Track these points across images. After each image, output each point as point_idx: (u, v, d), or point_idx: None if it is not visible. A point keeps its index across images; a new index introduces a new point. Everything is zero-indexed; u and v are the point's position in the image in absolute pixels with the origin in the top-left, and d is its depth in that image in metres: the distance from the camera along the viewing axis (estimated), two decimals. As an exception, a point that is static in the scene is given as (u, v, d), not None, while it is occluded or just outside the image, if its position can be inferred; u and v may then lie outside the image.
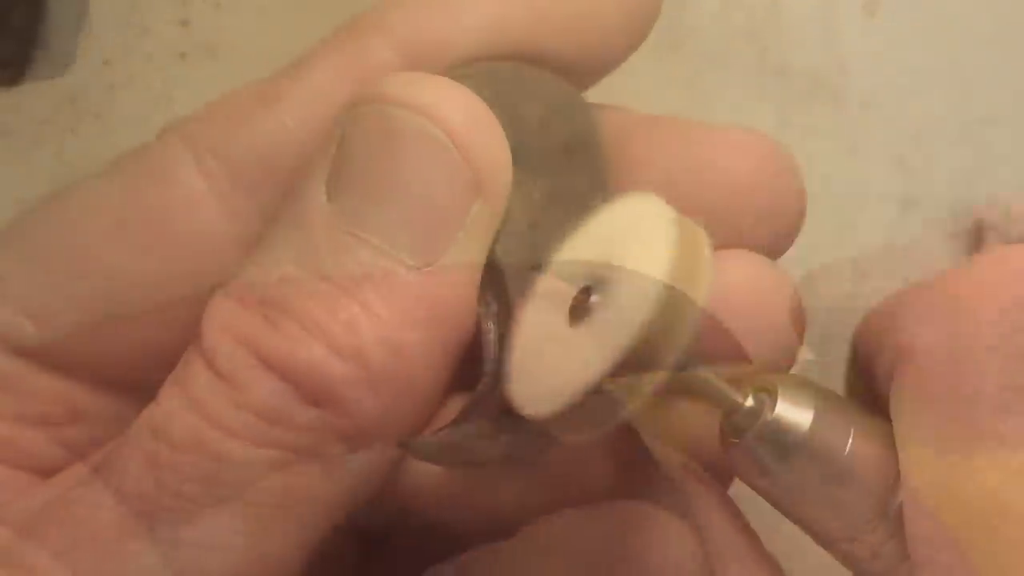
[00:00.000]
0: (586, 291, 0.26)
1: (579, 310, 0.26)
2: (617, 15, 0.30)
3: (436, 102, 0.27)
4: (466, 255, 0.28)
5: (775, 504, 0.29)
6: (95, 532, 0.27)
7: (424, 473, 0.29)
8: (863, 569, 0.29)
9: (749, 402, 0.28)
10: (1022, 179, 0.46)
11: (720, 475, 0.31)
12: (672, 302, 0.25)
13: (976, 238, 0.46)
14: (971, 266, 0.29)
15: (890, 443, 0.28)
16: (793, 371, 0.31)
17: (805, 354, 0.31)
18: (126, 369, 0.31)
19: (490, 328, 0.29)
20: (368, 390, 0.27)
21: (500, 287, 0.28)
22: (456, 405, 0.29)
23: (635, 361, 0.25)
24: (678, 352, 0.25)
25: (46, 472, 0.31)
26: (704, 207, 0.30)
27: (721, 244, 0.30)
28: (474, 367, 0.29)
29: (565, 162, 0.30)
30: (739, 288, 0.29)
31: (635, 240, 0.26)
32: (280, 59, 0.31)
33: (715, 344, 0.29)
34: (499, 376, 0.28)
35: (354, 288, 0.27)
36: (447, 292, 0.27)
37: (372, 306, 0.27)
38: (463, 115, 0.27)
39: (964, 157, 0.46)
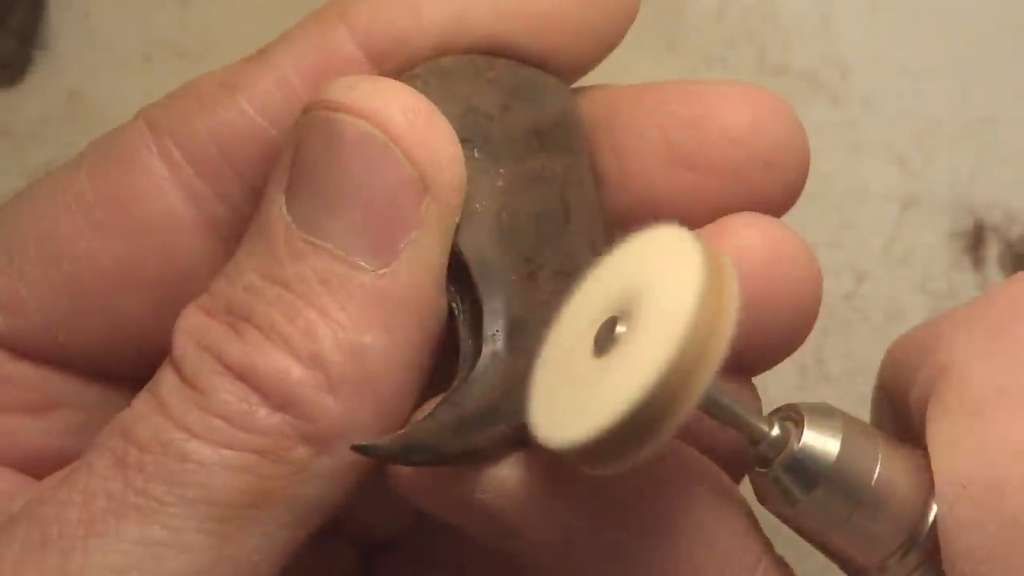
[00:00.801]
0: (612, 322, 0.26)
1: (604, 341, 0.26)
2: (585, 15, 0.30)
3: (373, 103, 0.28)
4: (422, 253, 0.28)
5: (801, 533, 0.29)
6: (62, 531, 0.27)
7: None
8: None
9: (775, 431, 0.28)
10: (1022, 179, 0.46)
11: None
12: (700, 337, 0.24)
13: (976, 238, 0.46)
14: (1008, 285, 0.29)
15: (917, 471, 0.28)
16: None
17: None
18: (99, 356, 0.31)
19: (463, 322, 0.29)
20: (328, 393, 0.27)
21: (467, 280, 0.28)
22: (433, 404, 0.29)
23: (663, 396, 0.24)
24: (706, 384, 0.25)
25: (27, 463, 0.31)
26: (705, 162, 0.30)
27: (729, 200, 0.30)
28: (451, 360, 0.29)
29: (536, 144, 0.30)
30: (755, 252, 0.29)
31: (662, 271, 0.26)
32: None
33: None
34: (472, 369, 0.28)
35: (311, 295, 0.27)
36: (405, 292, 0.28)
37: (329, 311, 0.27)
38: (403, 114, 0.28)
39: (964, 157, 0.46)
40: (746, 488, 0.30)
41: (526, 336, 0.28)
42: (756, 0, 0.47)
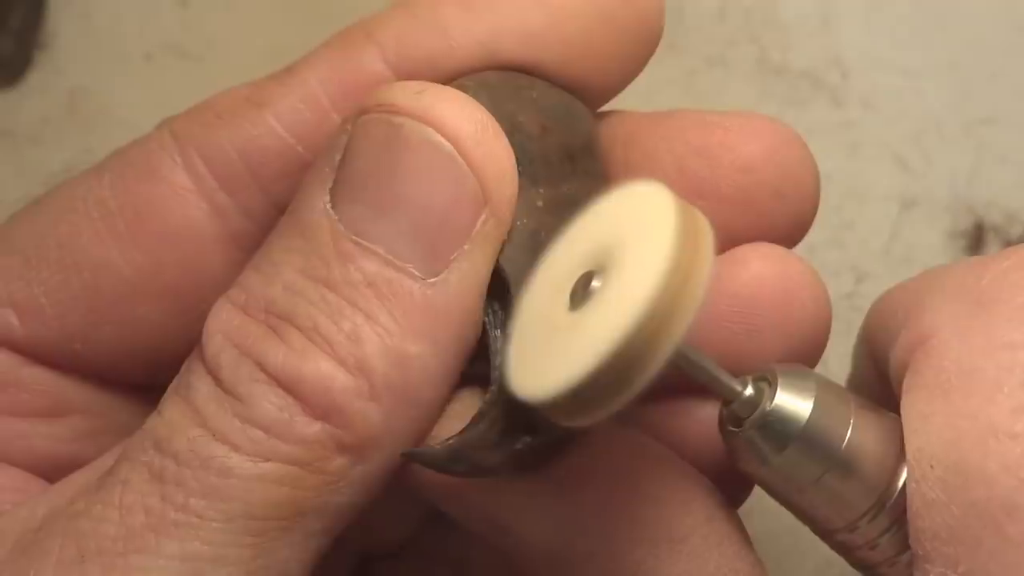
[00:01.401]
0: (587, 276, 0.26)
1: (580, 295, 0.26)
2: (611, 42, 0.30)
3: (442, 112, 0.27)
4: (472, 266, 0.28)
5: (773, 494, 0.29)
6: (100, 546, 0.27)
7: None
8: (860, 558, 0.29)
9: (748, 391, 0.28)
10: (1022, 179, 0.46)
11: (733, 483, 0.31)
12: (673, 288, 0.25)
13: (976, 238, 0.46)
14: (999, 260, 0.29)
15: (889, 436, 0.28)
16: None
17: None
18: (115, 363, 0.31)
19: (496, 337, 0.28)
20: (371, 402, 0.27)
21: (505, 295, 0.28)
22: (455, 408, 0.29)
23: (636, 347, 0.24)
24: (679, 338, 0.25)
25: (41, 467, 0.31)
26: (719, 191, 0.30)
27: (740, 229, 0.30)
28: (473, 368, 0.29)
29: (568, 169, 0.30)
30: (766, 282, 0.29)
31: (637, 226, 0.26)
32: (274, 62, 0.31)
33: (743, 342, 0.29)
34: (506, 385, 0.28)
35: (358, 298, 0.27)
36: (452, 303, 0.27)
37: (376, 317, 0.27)
38: (470, 126, 0.27)
39: (964, 157, 0.46)
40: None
41: None
42: (756, 0, 0.47)
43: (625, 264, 0.26)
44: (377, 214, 0.27)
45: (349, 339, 0.27)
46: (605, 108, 0.32)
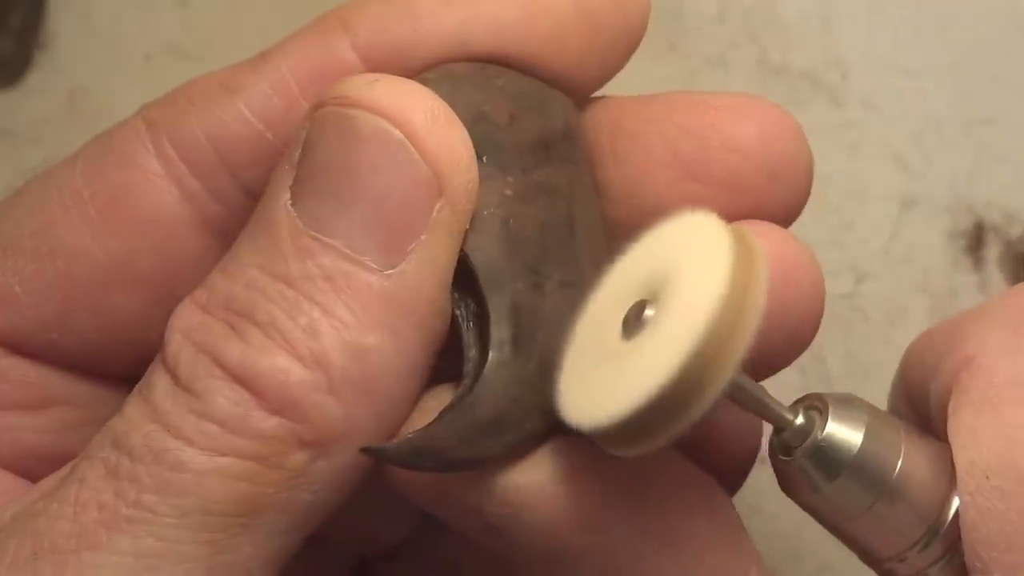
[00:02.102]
0: (640, 305, 0.26)
1: (633, 324, 0.26)
2: (589, 38, 0.30)
3: (394, 102, 0.27)
4: (431, 256, 0.27)
5: (823, 522, 0.29)
6: (54, 544, 0.26)
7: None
8: None
9: (800, 419, 0.28)
10: (1022, 179, 0.46)
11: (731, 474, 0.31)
12: (730, 317, 0.25)
13: (976, 238, 0.46)
14: None
15: (939, 464, 0.28)
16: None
17: None
18: (94, 353, 0.31)
19: (469, 329, 0.28)
20: (329, 395, 0.27)
21: (475, 286, 0.28)
22: (429, 403, 0.29)
23: (692, 377, 0.25)
24: (733, 368, 0.25)
25: (24, 460, 0.31)
26: (711, 173, 0.30)
27: (734, 211, 0.30)
28: (451, 365, 0.29)
29: (543, 156, 0.30)
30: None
31: (691, 255, 0.26)
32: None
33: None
34: (477, 377, 0.28)
35: (315, 292, 0.27)
36: (411, 294, 0.27)
37: (334, 310, 0.27)
38: (421, 114, 0.27)
39: (964, 157, 0.46)
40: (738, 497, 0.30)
41: (532, 345, 0.28)
42: (756, 1, 0.47)
43: (680, 293, 0.25)
44: (334, 208, 0.27)
45: (306, 333, 0.27)
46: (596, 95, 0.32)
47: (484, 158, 0.29)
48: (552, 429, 0.28)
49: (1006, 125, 0.46)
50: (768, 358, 0.30)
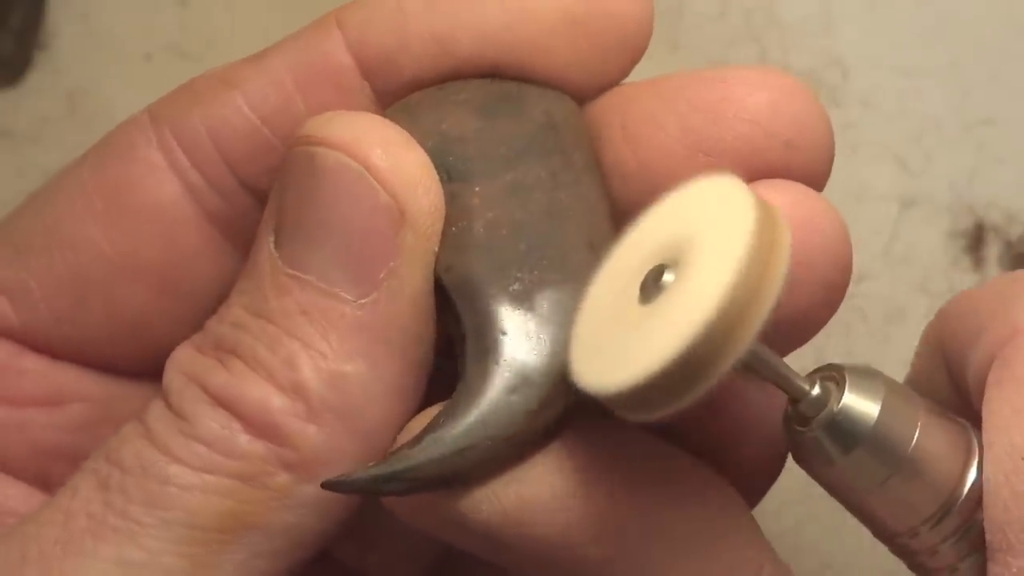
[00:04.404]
0: (659, 270, 0.26)
1: (651, 289, 0.26)
2: (578, 49, 0.30)
3: (349, 134, 0.28)
4: (400, 282, 0.28)
5: (836, 494, 0.29)
6: (41, 550, 0.27)
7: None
8: (919, 563, 0.29)
9: (816, 390, 0.28)
10: (1022, 179, 0.46)
11: (754, 482, 0.31)
12: (751, 283, 0.24)
13: (976, 238, 0.46)
14: None
15: (957, 440, 0.28)
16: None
17: None
18: (106, 347, 0.32)
19: (463, 351, 0.28)
20: (309, 422, 0.28)
21: (450, 305, 0.28)
22: (414, 426, 0.29)
23: (712, 342, 0.24)
24: (751, 336, 0.25)
25: (39, 457, 0.31)
26: (726, 146, 0.29)
27: (753, 181, 0.29)
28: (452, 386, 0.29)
29: (512, 157, 0.29)
30: (787, 215, 0.28)
31: (712, 220, 0.26)
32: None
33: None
34: (459, 393, 0.28)
35: (294, 327, 0.28)
36: (386, 321, 0.28)
37: (311, 342, 0.28)
38: (376, 143, 0.28)
39: (964, 157, 0.46)
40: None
41: (519, 348, 0.28)
42: (756, 0, 0.47)
43: (701, 258, 0.25)
44: (307, 244, 0.28)
45: (284, 364, 0.28)
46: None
47: (447, 176, 0.29)
48: (540, 436, 0.28)
49: (1006, 125, 0.46)
50: (806, 316, 0.29)
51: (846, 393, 0.28)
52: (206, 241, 0.31)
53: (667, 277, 0.26)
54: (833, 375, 0.28)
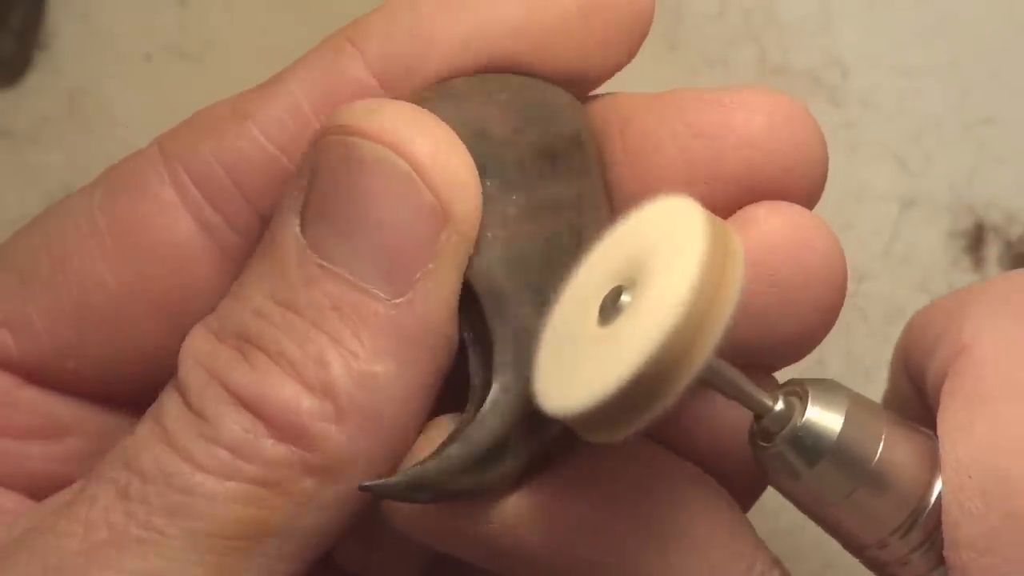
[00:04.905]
0: (617, 291, 0.26)
1: (609, 309, 0.26)
2: (595, 31, 0.30)
3: (397, 130, 0.27)
4: (436, 284, 0.27)
5: (803, 508, 0.29)
6: (62, 562, 0.27)
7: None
8: (891, 574, 0.29)
9: (779, 405, 0.28)
10: (1022, 179, 0.46)
11: (746, 485, 0.31)
12: (704, 302, 0.25)
13: (976, 238, 0.46)
14: None
15: (922, 451, 0.28)
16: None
17: None
18: (108, 382, 0.31)
19: (474, 354, 0.28)
20: (337, 425, 0.27)
21: (478, 312, 0.28)
22: (432, 432, 0.29)
23: (667, 361, 0.24)
24: (709, 354, 0.25)
25: (35, 488, 0.31)
26: (724, 170, 0.29)
27: (751, 203, 0.29)
28: (457, 391, 0.28)
29: (548, 170, 0.29)
30: (780, 237, 0.29)
31: (666, 240, 0.26)
32: (274, 62, 0.31)
33: (760, 305, 0.29)
34: (480, 406, 0.28)
35: (323, 321, 0.27)
36: (419, 323, 0.27)
37: (342, 340, 0.27)
38: (425, 142, 0.27)
39: (964, 157, 0.46)
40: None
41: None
42: (756, 0, 0.47)
43: (655, 278, 0.25)
44: (341, 237, 0.27)
45: (314, 362, 0.27)
46: (599, 90, 0.32)
47: (486, 178, 0.28)
48: (558, 452, 0.28)
49: (1006, 125, 0.46)
50: (798, 337, 0.29)
51: (809, 407, 0.28)
52: (219, 277, 0.30)
53: (624, 298, 0.26)
54: (796, 390, 0.28)
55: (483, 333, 0.28)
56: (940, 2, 0.47)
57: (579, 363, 0.26)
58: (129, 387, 0.31)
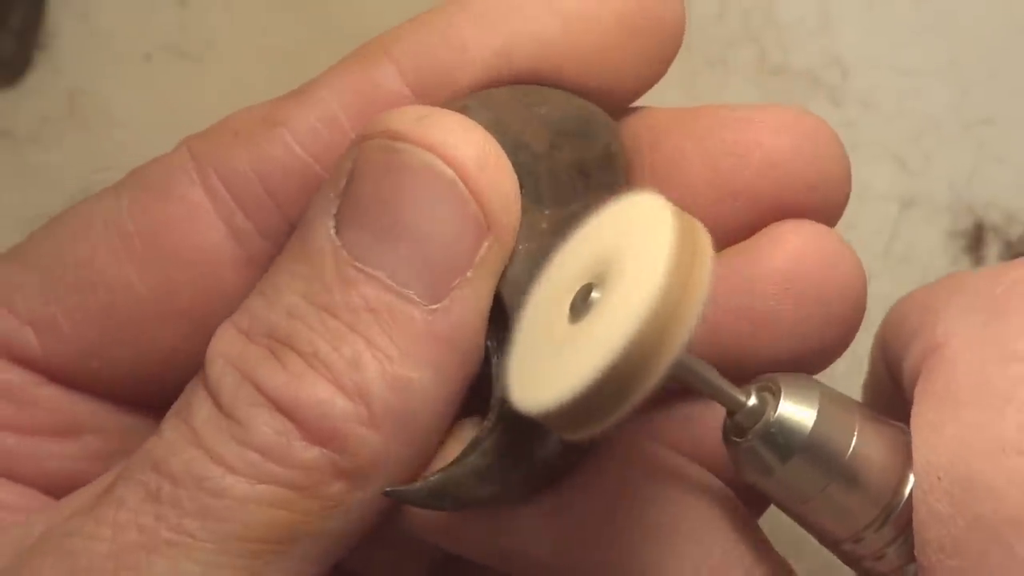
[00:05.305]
0: (587, 288, 0.26)
1: (580, 307, 0.26)
2: (630, 48, 0.30)
3: (444, 138, 0.27)
4: (474, 292, 0.27)
5: (778, 504, 0.29)
6: (91, 565, 0.27)
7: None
8: (867, 569, 0.29)
9: (752, 401, 0.28)
10: (1022, 179, 0.46)
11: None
12: (672, 298, 0.24)
13: (976, 238, 0.46)
14: (1010, 268, 0.29)
15: (895, 446, 0.28)
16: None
17: None
18: (129, 383, 0.31)
19: (498, 364, 0.28)
20: (370, 429, 0.27)
21: (504, 323, 0.28)
22: (456, 438, 0.29)
23: (636, 358, 0.24)
24: (679, 350, 0.25)
25: (51, 486, 0.31)
26: (750, 189, 0.30)
27: (772, 222, 0.30)
28: (477, 400, 0.28)
29: (581, 186, 0.29)
30: (804, 256, 0.29)
31: (635, 236, 0.26)
32: (273, 62, 0.31)
33: (785, 322, 0.29)
34: (502, 413, 0.28)
35: (359, 324, 0.27)
36: (454, 330, 0.27)
37: (377, 343, 0.27)
38: (472, 151, 0.27)
39: (963, 157, 0.46)
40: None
41: None
42: (756, 1, 0.47)
43: (624, 275, 0.25)
44: (380, 240, 0.27)
45: (349, 364, 0.27)
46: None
47: (522, 190, 0.28)
48: (575, 459, 0.28)
49: (1006, 125, 0.46)
50: (821, 353, 0.30)
51: (781, 402, 0.28)
52: (246, 283, 0.30)
53: (594, 295, 0.26)
54: (769, 385, 0.28)
55: (507, 343, 0.28)
56: (940, 2, 0.47)
57: (551, 361, 0.26)
58: (148, 388, 0.31)
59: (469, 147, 0.27)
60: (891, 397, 0.31)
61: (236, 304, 0.29)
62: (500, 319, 0.28)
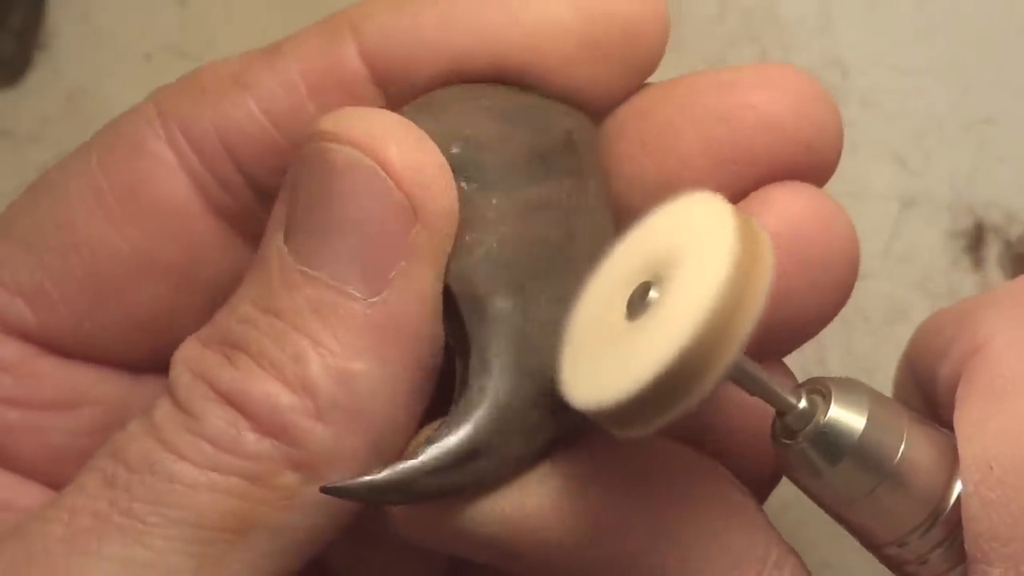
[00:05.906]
0: (645, 286, 0.26)
1: (638, 305, 0.26)
2: (594, 66, 0.30)
3: (364, 131, 0.28)
4: (410, 281, 0.28)
5: (824, 506, 0.29)
6: (47, 547, 0.27)
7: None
8: (909, 573, 0.29)
9: (803, 403, 0.28)
10: (1022, 179, 0.46)
11: (760, 477, 0.31)
12: (733, 299, 0.25)
13: (976, 238, 0.46)
14: None
15: (943, 450, 0.28)
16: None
17: None
18: (123, 345, 0.32)
19: (457, 357, 0.28)
20: (316, 420, 0.27)
21: (456, 313, 0.28)
22: (422, 435, 0.29)
23: (696, 357, 0.25)
24: (736, 351, 0.25)
25: (52, 460, 0.31)
26: (747, 153, 0.30)
27: (770, 182, 0.30)
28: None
29: (538, 172, 0.29)
30: (799, 218, 0.29)
31: (695, 237, 0.26)
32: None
33: (783, 285, 0.29)
34: (461, 407, 0.28)
35: (303, 323, 0.28)
36: (396, 321, 0.28)
37: (320, 339, 0.28)
38: (392, 141, 0.28)
39: (964, 157, 0.46)
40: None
41: (519, 366, 0.28)
42: (756, 1, 0.47)
43: (684, 275, 0.26)
44: (319, 241, 0.28)
45: (293, 360, 0.27)
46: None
47: (464, 183, 0.29)
48: (543, 448, 0.28)
49: (1006, 125, 0.46)
50: (811, 316, 0.30)
51: (832, 406, 0.28)
52: (217, 236, 0.31)
53: (652, 294, 0.26)
54: (819, 388, 0.28)
55: (460, 333, 0.28)
56: (940, 2, 0.47)
57: (606, 358, 0.26)
58: (144, 350, 0.32)
59: (388, 137, 0.28)
60: (922, 409, 0.31)
61: (210, 255, 0.31)
62: (456, 314, 0.28)
